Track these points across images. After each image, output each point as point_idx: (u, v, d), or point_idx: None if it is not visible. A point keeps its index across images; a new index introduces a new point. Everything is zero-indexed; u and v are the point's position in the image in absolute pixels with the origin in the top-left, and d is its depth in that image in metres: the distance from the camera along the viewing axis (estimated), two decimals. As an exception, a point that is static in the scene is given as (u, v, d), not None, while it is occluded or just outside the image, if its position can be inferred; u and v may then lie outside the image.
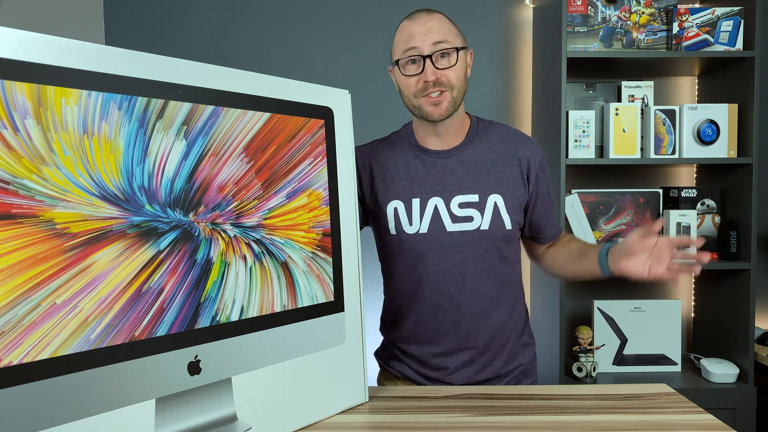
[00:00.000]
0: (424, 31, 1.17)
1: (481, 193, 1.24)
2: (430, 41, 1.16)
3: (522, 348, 1.34)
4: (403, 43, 1.19)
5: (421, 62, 1.17)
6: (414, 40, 1.17)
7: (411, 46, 1.17)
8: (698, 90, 2.31)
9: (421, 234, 1.25)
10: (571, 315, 2.30)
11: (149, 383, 0.82)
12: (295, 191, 1.01)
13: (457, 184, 1.25)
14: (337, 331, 1.08)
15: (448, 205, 1.24)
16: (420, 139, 1.30)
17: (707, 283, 2.24)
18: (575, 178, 2.29)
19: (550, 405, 1.11)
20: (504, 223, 1.24)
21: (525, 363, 1.34)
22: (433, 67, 1.17)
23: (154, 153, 0.82)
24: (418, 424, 1.02)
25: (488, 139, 1.29)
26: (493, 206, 1.24)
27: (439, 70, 1.17)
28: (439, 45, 1.17)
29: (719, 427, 0.99)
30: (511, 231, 1.25)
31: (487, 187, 1.24)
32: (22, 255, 0.70)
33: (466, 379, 1.29)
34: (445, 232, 1.24)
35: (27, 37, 0.71)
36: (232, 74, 0.93)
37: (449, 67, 1.18)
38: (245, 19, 2.36)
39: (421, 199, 1.25)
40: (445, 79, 1.18)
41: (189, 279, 0.86)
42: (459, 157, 1.27)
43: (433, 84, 1.17)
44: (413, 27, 1.19)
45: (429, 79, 1.16)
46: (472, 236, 1.24)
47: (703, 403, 1.20)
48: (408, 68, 1.19)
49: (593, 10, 2.08)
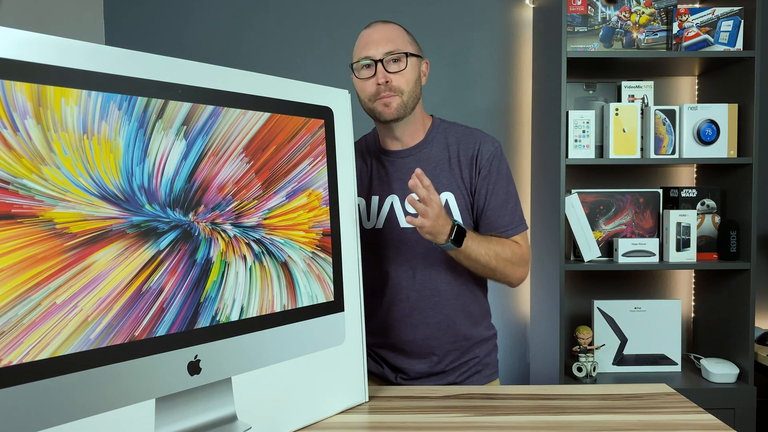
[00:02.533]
0: (378, 39, 1.25)
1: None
2: (383, 49, 1.24)
3: (479, 342, 1.36)
4: (359, 50, 1.27)
5: (373, 67, 1.25)
6: (368, 48, 1.25)
7: (366, 54, 1.25)
8: (698, 90, 2.31)
9: (377, 229, 1.32)
10: (571, 315, 2.30)
11: (149, 383, 0.82)
12: (294, 191, 1.01)
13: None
14: (337, 331, 1.08)
15: (403, 203, 1.30)
16: (381, 140, 1.36)
17: (707, 283, 2.24)
18: (575, 178, 2.29)
19: (550, 405, 1.11)
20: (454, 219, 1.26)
21: (481, 356, 1.36)
22: (384, 71, 1.23)
23: (154, 153, 0.82)
24: (418, 424, 1.02)
25: (445, 139, 1.33)
26: (444, 204, 1.27)
27: (390, 74, 1.24)
28: (391, 53, 1.24)
29: (719, 427, 0.99)
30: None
31: (439, 185, 1.28)
32: (22, 255, 0.70)
33: (423, 372, 1.32)
34: (398, 228, 1.30)
35: (27, 37, 0.71)
36: (232, 74, 0.93)
37: (399, 71, 1.24)
38: (245, 19, 2.36)
39: (380, 197, 1.32)
40: (395, 84, 1.24)
41: (189, 279, 0.86)
42: (416, 156, 1.32)
43: (385, 88, 1.23)
44: (369, 34, 1.27)
45: (380, 81, 1.23)
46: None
47: (703, 403, 1.20)
48: (362, 72, 1.27)
49: (593, 10, 2.07)
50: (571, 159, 1.99)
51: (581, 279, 2.33)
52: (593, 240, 2.06)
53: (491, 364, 1.39)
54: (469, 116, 2.34)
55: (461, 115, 2.28)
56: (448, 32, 2.34)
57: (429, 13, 2.34)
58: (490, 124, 2.35)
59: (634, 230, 2.12)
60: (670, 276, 2.36)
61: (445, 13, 2.35)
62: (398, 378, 1.35)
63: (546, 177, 2.10)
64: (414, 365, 1.33)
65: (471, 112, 2.35)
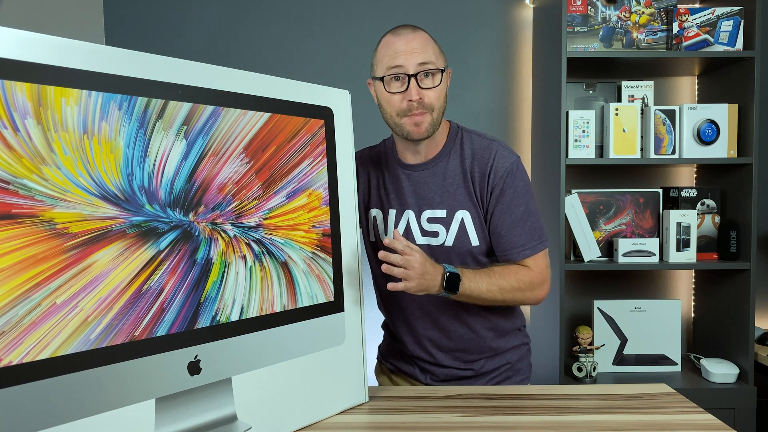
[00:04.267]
0: (409, 50, 1.16)
1: (449, 208, 1.24)
2: (415, 61, 1.16)
3: (510, 349, 1.34)
4: (387, 60, 1.18)
5: (405, 80, 1.16)
6: (399, 58, 1.16)
7: (396, 64, 1.16)
8: (698, 90, 2.31)
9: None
10: (571, 315, 2.30)
11: (149, 383, 0.82)
12: (295, 191, 1.01)
13: (429, 197, 1.25)
14: (337, 331, 1.08)
15: (419, 218, 1.26)
16: (399, 152, 1.30)
17: (707, 283, 2.24)
18: (575, 178, 2.29)
19: (550, 405, 1.11)
20: (470, 239, 1.23)
21: (513, 361, 1.35)
22: (418, 87, 1.16)
23: (154, 153, 0.82)
24: (418, 424, 1.02)
25: (462, 152, 1.26)
26: (459, 222, 1.23)
27: (423, 90, 1.17)
28: (423, 66, 1.16)
29: (719, 427, 0.99)
30: (477, 247, 1.24)
31: (455, 203, 1.24)
32: (22, 255, 0.70)
33: (452, 375, 1.32)
34: (414, 244, 1.21)
35: (27, 37, 0.71)
36: (232, 74, 0.93)
37: (433, 87, 1.18)
38: (245, 19, 2.36)
39: (397, 211, 1.29)
40: (428, 101, 1.17)
41: (189, 279, 0.86)
42: (432, 170, 1.26)
43: (417, 105, 1.16)
44: (398, 43, 1.17)
45: (413, 98, 1.16)
46: (437, 251, 1.24)
47: (703, 403, 1.20)
48: (392, 85, 1.18)
49: (593, 10, 2.07)
50: (571, 159, 1.99)
51: (581, 279, 2.33)
52: (593, 240, 2.06)
53: (523, 369, 1.36)
54: (469, 116, 2.34)
55: (461, 115, 2.28)
56: (448, 32, 2.34)
57: (429, 13, 2.34)
58: (490, 124, 2.35)
59: (634, 230, 2.12)
60: (670, 276, 2.36)
61: (445, 13, 2.35)
62: (428, 379, 1.33)
63: (546, 177, 2.10)
64: (442, 371, 1.32)
65: (471, 112, 2.35)
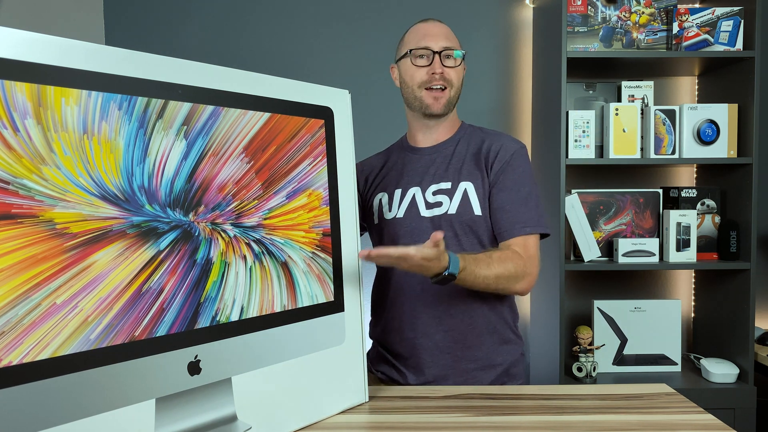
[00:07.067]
0: (436, 33, 1.32)
1: (454, 181, 1.31)
2: (441, 43, 1.31)
3: (503, 345, 1.31)
4: (417, 39, 1.33)
5: (430, 57, 1.31)
6: (427, 39, 1.31)
7: (424, 45, 1.31)
8: (698, 90, 2.31)
9: (398, 218, 1.33)
10: (571, 315, 2.30)
11: (149, 383, 0.82)
12: (295, 191, 1.01)
13: (436, 175, 1.34)
14: (337, 331, 1.08)
15: (424, 193, 1.32)
16: (410, 137, 1.42)
17: (707, 283, 2.24)
18: (575, 178, 2.29)
19: (550, 405, 1.11)
20: (473, 208, 1.28)
21: (506, 363, 1.31)
22: (441, 63, 1.30)
23: (154, 153, 0.82)
24: (418, 424, 1.02)
25: (473, 140, 1.37)
26: (462, 192, 1.30)
27: (446, 68, 1.31)
28: (448, 49, 1.32)
29: (719, 427, 0.99)
30: (480, 217, 1.28)
31: (460, 176, 1.31)
32: (22, 255, 0.70)
33: (443, 367, 1.28)
34: (419, 216, 1.31)
35: (27, 37, 0.71)
36: (232, 74, 0.93)
37: (454, 67, 1.32)
38: (245, 19, 2.36)
39: (402, 189, 1.35)
40: (448, 76, 1.31)
41: (189, 279, 0.86)
42: (442, 152, 1.37)
43: (439, 77, 1.30)
44: (428, 27, 1.34)
45: (437, 71, 1.29)
46: (441, 220, 1.29)
47: (703, 403, 1.20)
48: (418, 60, 1.32)
49: (593, 10, 2.07)
50: (571, 159, 1.99)
51: (581, 279, 2.33)
52: (593, 240, 2.06)
53: (518, 375, 1.33)
54: (470, 116, 2.32)
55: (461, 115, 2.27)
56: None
57: (429, 13, 2.33)
58: (490, 124, 2.35)
59: (634, 230, 2.12)
60: (670, 276, 2.36)
61: (444, 13, 2.34)
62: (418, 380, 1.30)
63: (546, 177, 2.10)
64: (436, 359, 1.29)
65: (471, 112, 2.34)
